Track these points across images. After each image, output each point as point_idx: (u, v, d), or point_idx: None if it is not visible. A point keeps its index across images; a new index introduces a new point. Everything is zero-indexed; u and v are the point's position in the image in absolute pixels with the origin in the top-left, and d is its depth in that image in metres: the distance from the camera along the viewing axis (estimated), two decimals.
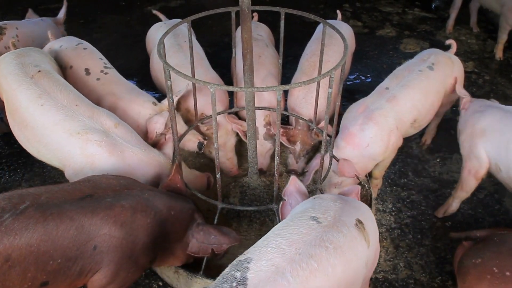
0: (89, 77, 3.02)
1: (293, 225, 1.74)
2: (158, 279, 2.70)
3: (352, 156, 2.80)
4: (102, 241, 1.87)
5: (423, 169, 3.64)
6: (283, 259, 1.58)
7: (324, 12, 6.46)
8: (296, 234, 1.68)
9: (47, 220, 1.79)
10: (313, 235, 1.68)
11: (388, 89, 2.99)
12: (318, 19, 2.52)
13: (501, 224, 3.15)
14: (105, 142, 2.41)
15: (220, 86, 1.95)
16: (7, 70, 2.61)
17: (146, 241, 1.99)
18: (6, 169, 3.54)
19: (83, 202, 1.91)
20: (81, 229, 1.84)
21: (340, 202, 1.89)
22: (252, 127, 2.59)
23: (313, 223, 1.73)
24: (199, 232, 2.17)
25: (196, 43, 3.54)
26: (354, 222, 1.80)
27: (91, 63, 3.10)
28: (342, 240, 1.70)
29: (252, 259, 1.60)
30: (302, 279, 1.54)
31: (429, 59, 3.17)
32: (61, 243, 1.80)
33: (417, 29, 6.04)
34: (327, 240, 1.67)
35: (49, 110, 2.45)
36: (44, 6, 6.44)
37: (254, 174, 2.86)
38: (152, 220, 2.01)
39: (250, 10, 2.25)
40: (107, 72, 3.08)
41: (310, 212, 1.81)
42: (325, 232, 1.69)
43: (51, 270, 1.80)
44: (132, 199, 2.00)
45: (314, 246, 1.63)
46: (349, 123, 2.89)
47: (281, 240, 1.66)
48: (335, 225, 1.74)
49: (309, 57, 3.38)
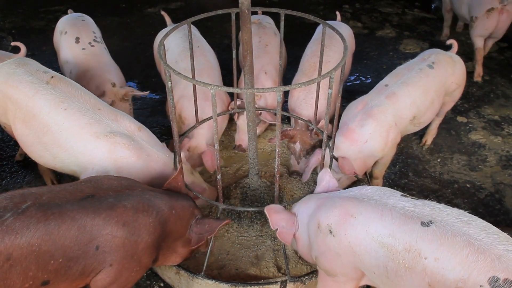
0: (78, 45, 3.46)
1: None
2: (159, 280, 2.70)
3: (351, 152, 2.81)
4: (105, 241, 1.88)
5: (423, 170, 3.65)
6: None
7: (324, 13, 6.47)
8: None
9: (49, 219, 1.80)
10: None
11: (388, 86, 3.01)
12: (317, 20, 2.52)
13: (501, 224, 3.15)
14: (132, 146, 2.42)
15: (220, 87, 1.96)
16: (15, 79, 2.55)
17: (148, 241, 2.00)
18: (8, 171, 3.54)
19: (84, 202, 1.91)
20: (83, 229, 1.84)
21: None
22: (252, 128, 2.60)
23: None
24: (197, 225, 2.22)
25: (210, 50, 3.55)
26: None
27: (83, 34, 3.55)
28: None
29: None
30: None
31: (429, 58, 3.19)
32: (62, 242, 1.80)
33: (417, 30, 6.05)
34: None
35: (74, 114, 2.45)
36: (45, 8, 6.46)
37: (255, 175, 2.86)
38: (154, 219, 2.02)
39: (250, 12, 2.26)
40: (93, 45, 3.48)
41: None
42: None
43: (52, 269, 1.80)
44: (134, 199, 2.01)
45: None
46: (349, 119, 2.91)
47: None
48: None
49: (309, 58, 3.39)
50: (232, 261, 2.69)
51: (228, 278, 2.57)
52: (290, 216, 2.23)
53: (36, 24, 6.11)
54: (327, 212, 2.01)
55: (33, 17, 6.28)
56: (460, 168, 3.66)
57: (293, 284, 2.43)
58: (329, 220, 1.98)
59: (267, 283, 2.44)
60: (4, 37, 5.67)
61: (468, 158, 3.76)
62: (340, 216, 1.95)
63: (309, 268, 2.63)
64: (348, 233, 1.91)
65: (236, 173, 3.39)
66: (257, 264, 2.67)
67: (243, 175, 3.29)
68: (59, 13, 6.33)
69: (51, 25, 5.93)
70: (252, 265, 2.66)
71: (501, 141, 3.95)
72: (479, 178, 3.56)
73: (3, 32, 5.80)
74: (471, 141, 3.96)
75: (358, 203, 1.95)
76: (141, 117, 4.18)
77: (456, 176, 3.57)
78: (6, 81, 2.57)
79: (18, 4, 6.66)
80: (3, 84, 2.58)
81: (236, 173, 3.38)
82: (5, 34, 5.76)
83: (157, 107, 4.39)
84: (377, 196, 1.96)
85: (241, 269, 2.64)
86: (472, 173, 3.61)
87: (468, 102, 4.48)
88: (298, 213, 2.22)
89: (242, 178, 3.11)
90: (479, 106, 4.42)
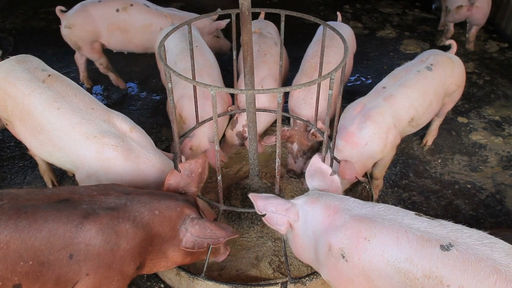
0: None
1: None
2: (159, 281, 2.70)
3: (351, 155, 2.80)
4: (78, 250, 1.81)
5: (424, 170, 3.64)
6: None
7: (324, 14, 6.47)
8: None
9: (20, 217, 1.75)
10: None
11: (385, 88, 3.00)
12: (318, 21, 2.51)
13: (502, 225, 3.15)
14: (121, 147, 2.42)
15: (220, 88, 1.95)
16: (14, 76, 2.58)
17: (127, 248, 1.90)
18: (8, 171, 3.54)
19: (59, 205, 1.86)
20: (54, 232, 1.78)
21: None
22: (253, 129, 2.60)
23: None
24: (194, 226, 2.06)
25: (208, 49, 3.54)
26: None
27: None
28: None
29: None
30: None
31: (428, 60, 3.18)
32: (32, 243, 1.74)
33: (417, 30, 6.04)
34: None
35: (66, 113, 2.46)
36: (45, 9, 6.46)
37: (255, 176, 2.86)
38: (132, 225, 1.92)
39: (250, 12, 2.25)
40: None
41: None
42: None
43: (22, 272, 1.74)
44: (108, 206, 1.93)
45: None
46: (347, 122, 2.90)
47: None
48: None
49: (310, 58, 3.39)
50: (232, 262, 2.68)
51: (228, 279, 2.57)
52: (284, 202, 2.13)
53: (37, 24, 6.11)
54: (338, 233, 1.89)
55: (34, 18, 6.28)
56: (461, 168, 3.66)
57: (293, 285, 2.42)
58: (341, 243, 1.86)
59: (267, 285, 2.43)
60: (4, 38, 5.67)
61: (469, 159, 3.75)
62: (352, 239, 1.83)
63: (310, 269, 2.63)
64: (362, 258, 1.79)
65: (237, 174, 3.39)
66: (257, 265, 2.67)
67: (243, 176, 3.29)
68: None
69: (51, 26, 5.95)
70: (252, 266, 2.66)
71: (502, 142, 3.94)
72: (480, 178, 3.56)
73: (3, 33, 5.81)
74: (472, 142, 3.95)
75: (372, 224, 1.82)
76: (142, 118, 4.19)
77: (457, 177, 3.57)
78: (5, 78, 2.60)
79: (19, 5, 6.66)
80: (3, 81, 2.60)
81: (237, 174, 3.38)
82: (5, 34, 5.77)
83: (157, 108, 4.39)
84: (390, 215, 1.84)
85: (242, 270, 2.64)
86: (473, 174, 3.60)
87: (469, 103, 4.47)
88: (300, 207, 2.11)
89: (242, 179, 3.11)
90: (479, 107, 4.42)
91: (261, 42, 3.57)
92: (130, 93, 4.65)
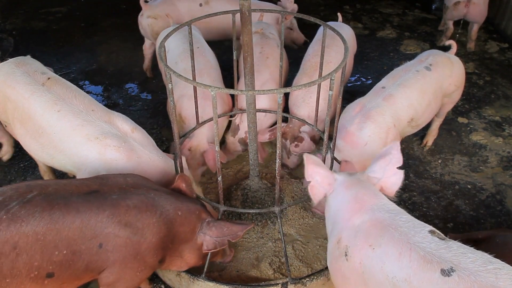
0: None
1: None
2: (160, 282, 2.70)
3: (352, 155, 2.80)
4: (107, 240, 1.89)
5: (424, 171, 3.64)
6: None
7: (325, 14, 6.47)
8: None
9: (54, 209, 1.81)
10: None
11: (385, 88, 3.00)
12: (318, 21, 2.51)
13: (502, 225, 3.15)
14: (123, 148, 2.42)
15: (220, 89, 1.95)
16: (13, 79, 2.58)
17: (152, 241, 1.99)
18: (8, 172, 3.54)
19: (90, 197, 1.92)
20: (87, 222, 1.86)
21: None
22: (253, 129, 2.59)
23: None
24: (211, 228, 2.17)
25: (210, 50, 3.53)
26: None
27: None
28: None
29: None
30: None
31: (427, 60, 3.18)
32: (66, 233, 1.81)
33: (418, 30, 6.04)
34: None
35: (66, 115, 2.46)
36: (45, 10, 6.46)
37: (256, 176, 2.86)
38: (158, 219, 2.01)
39: (251, 13, 2.25)
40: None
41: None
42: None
43: (57, 261, 1.82)
44: (138, 198, 2.00)
45: None
46: (347, 122, 2.90)
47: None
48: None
49: (310, 58, 3.39)
50: (233, 263, 2.68)
51: (228, 280, 2.57)
52: (329, 174, 2.09)
53: (37, 25, 6.11)
54: (351, 231, 1.88)
55: (34, 18, 6.28)
56: (461, 169, 3.66)
57: (294, 286, 2.42)
58: (349, 242, 1.86)
59: (268, 285, 2.44)
60: (4, 39, 5.68)
61: (469, 159, 3.75)
62: (359, 242, 1.82)
63: (310, 270, 2.63)
64: (363, 263, 1.79)
65: (237, 174, 3.39)
66: (257, 266, 2.67)
67: (243, 176, 3.29)
68: (59, 14, 6.33)
69: (51, 26, 5.95)
70: (253, 267, 2.66)
71: (502, 142, 3.94)
72: (480, 179, 3.56)
73: (4, 34, 5.81)
74: (472, 142, 3.95)
75: (382, 233, 1.78)
76: (142, 119, 4.19)
77: (457, 177, 3.56)
78: (5, 81, 2.60)
79: (19, 5, 6.66)
80: (2, 84, 2.60)
81: (237, 175, 3.38)
82: (5, 35, 5.77)
83: (158, 108, 4.39)
84: (405, 228, 1.77)
85: (242, 271, 2.64)
86: (473, 174, 3.60)
87: (469, 103, 4.47)
88: (338, 185, 2.08)
89: (242, 179, 3.11)
90: (479, 107, 4.42)
91: (263, 44, 3.56)
92: (130, 93, 4.65)
